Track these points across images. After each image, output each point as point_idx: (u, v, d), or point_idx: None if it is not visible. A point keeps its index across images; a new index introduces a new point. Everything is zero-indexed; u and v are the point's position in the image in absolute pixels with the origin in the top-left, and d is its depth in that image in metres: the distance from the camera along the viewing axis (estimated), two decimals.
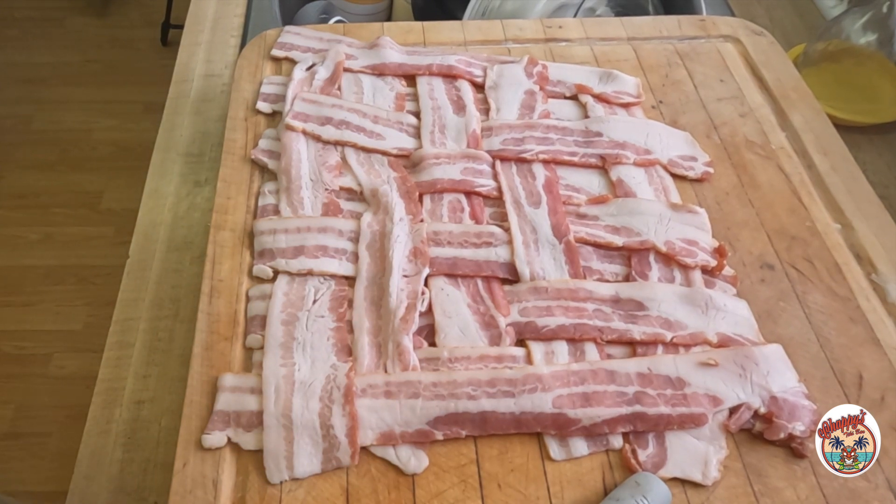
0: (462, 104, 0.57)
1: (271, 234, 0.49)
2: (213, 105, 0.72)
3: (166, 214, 0.63)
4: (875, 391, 0.44)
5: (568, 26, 0.66)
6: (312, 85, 0.58)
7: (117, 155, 1.94)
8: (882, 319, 0.47)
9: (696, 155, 0.56)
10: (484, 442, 0.41)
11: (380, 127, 0.56)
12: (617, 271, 0.48)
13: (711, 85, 0.62)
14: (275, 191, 0.52)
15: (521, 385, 0.42)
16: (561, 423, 0.41)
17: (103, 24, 2.33)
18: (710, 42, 0.65)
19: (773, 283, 0.49)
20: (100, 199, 1.85)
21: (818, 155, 0.56)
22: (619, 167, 0.54)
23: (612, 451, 0.41)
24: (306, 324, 0.45)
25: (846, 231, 0.52)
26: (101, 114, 2.05)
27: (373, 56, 0.61)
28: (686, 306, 0.46)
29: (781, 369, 0.43)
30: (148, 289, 0.58)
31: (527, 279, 0.47)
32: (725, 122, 0.59)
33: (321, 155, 0.54)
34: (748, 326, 0.46)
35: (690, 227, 0.50)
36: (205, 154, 0.67)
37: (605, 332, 0.45)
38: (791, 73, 0.63)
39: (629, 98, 0.59)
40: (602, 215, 0.51)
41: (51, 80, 2.14)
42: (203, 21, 0.83)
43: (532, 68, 0.60)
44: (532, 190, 0.52)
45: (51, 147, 1.92)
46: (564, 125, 0.56)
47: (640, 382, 0.42)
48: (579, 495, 0.39)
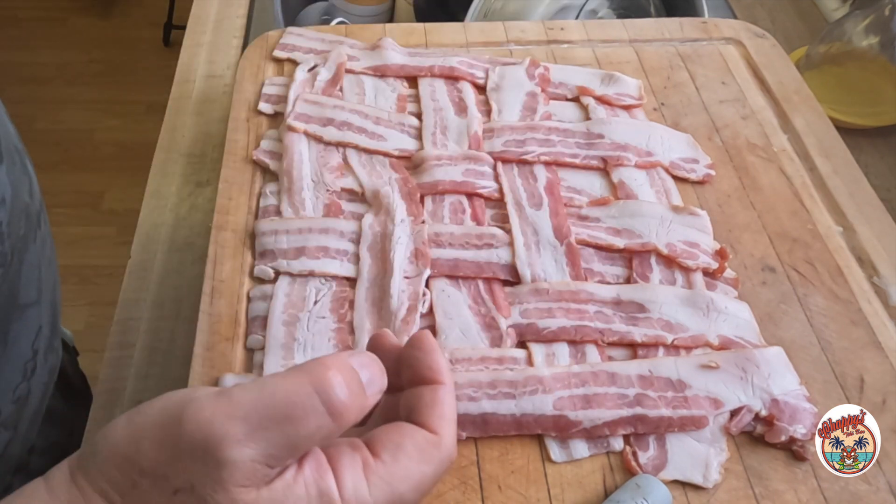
0: (464, 106, 0.57)
1: (273, 235, 0.49)
2: (215, 106, 0.72)
3: (168, 215, 0.63)
4: (876, 394, 0.44)
5: (570, 28, 0.66)
6: (314, 86, 0.58)
7: (119, 155, 1.94)
8: (884, 322, 0.47)
9: (697, 157, 0.56)
10: (484, 443, 0.41)
11: (381, 128, 0.56)
12: (618, 273, 0.48)
13: (713, 87, 0.62)
14: (276, 192, 0.52)
15: (521, 387, 0.42)
16: (562, 424, 0.41)
17: (106, 25, 2.34)
18: (711, 44, 0.65)
19: (775, 285, 0.49)
20: (101, 200, 1.85)
21: (820, 158, 0.56)
22: (620, 169, 0.54)
23: (612, 453, 0.41)
24: (307, 325, 0.45)
25: (848, 234, 0.52)
26: (104, 114, 2.05)
27: (375, 57, 0.61)
28: (687, 308, 0.46)
29: (782, 372, 0.43)
30: (149, 289, 0.58)
31: (528, 281, 0.47)
32: (727, 125, 0.59)
33: (323, 156, 0.54)
34: (749, 329, 0.46)
35: (692, 229, 0.50)
36: (206, 155, 0.68)
37: (606, 333, 0.45)
38: (793, 75, 0.63)
39: (631, 100, 0.59)
40: (603, 217, 0.51)
41: (53, 80, 2.14)
42: (205, 22, 0.83)
43: (534, 70, 0.60)
44: (533, 192, 0.52)
45: (53, 147, 1.93)
46: (566, 127, 0.56)
47: (640, 384, 0.42)
48: (580, 497, 0.39)
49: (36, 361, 0.45)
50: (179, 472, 0.25)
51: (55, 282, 0.48)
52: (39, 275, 0.45)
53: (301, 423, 0.26)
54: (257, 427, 0.25)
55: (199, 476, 0.25)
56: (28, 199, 0.43)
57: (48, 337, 0.47)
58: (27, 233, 0.43)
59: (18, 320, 0.43)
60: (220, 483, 0.25)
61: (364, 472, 0.27)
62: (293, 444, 0.26)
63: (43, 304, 0.45)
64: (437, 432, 0.29)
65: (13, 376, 0.43)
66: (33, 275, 0.44)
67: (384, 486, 0.27)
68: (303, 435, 0.26)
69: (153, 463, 0.25)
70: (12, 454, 0.45)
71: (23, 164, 0.43)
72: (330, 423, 0.26)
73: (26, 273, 0.43)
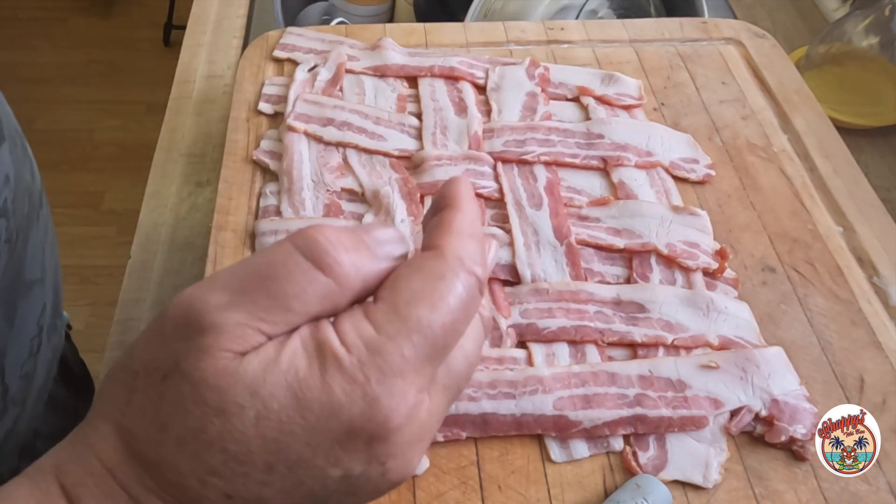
0: (464, 106, 0.57)
1: (273, 235, 0.49)
2: (215, 106, 0.72)
3: (168, 215, 0.63)
4: (876, 394, 0.44)
5: (570, 28, 0.66)
6: (314, 86, 0.58)
7: (119, 155, 1.94)
8: (884, 323, 0.47)
9: (697, 157, 0.55)
10: (484, 443, 0.41)
11: (381, 128, 0.56)
12: (618, 273, 0.48)
13: (713, 87, 0.62)
14: (276, 192, 0.52)
15: (521, 387, 0.42)
16: (562, 424, 0.41)
17: (106, 25, 2.34)
18: (712, 44, 0.65)
19: (775, 285, 0.49)
20: (102, 200, 1.85)
21: (820, 158, 0.56)
22: (620, 169, 0.54)
23: (612, 453, 0.41)
24: None
25: (848, 234, 0.52)
26: (104, 114, 2.05)
27: (375, 57, 0.61)
28: (687, 309, 0.46)
29: (783, 372, 0.43)
30: (149, 289, 0.58)
31: (528, 281, 0.47)
32: (727, 125, 0.59)
33: (323, 156, 0.54)
34: (749, 329, 0.46)
35: (692, 229, 0.50)
36: (206, 155, 0.68)
37: (606, 334, 0.45)
38: (793, 75, 0.63)
39: (631, 100, 0.59)
40: (603, 217, 0.51)
41: (53, 81, 2.14)
42: (205, 22, 0.83)
43: (534, 70, 0.60)
44: (533, 192, 0.52)
45: (53, 147, 1.92)
46: (566, 127, 0.56)
47: (640, 384, 0.42)
48: (580, 497, 0.39)
49: (41, 339, 0.45)
50: (165, 356, 0.23)
51: (57, 264, 0.49)
52: (43, 254, 0.45)
53: (286, 280, 0.23)
54: (239, 291, 0.23)
55: (184, 351, 0.22)
56: (30, 180, 0.44)
57: (51, 316, 0.47)
58: (30, 212, 0.43)
59: (25, 297, 0.43)
60: (205, 350, 0.22)
61: (364, 313, 0.23)
62: (283, 305, 0.23)
63: (47, 282, 0.46)
64: (436, 245, 0.25)
65: (21, 352, 0.43)
66: (37, 253, 0.44)
67: (390, 316, 0.23)
68: (291, 292, 0.23)
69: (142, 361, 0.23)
70: (20, 432, 0.46)
71: (23, 146, 0.44)
72: (323, 279, 0.23)
73: (31, 251, 0.43)
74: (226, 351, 0.22)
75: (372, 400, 0.22)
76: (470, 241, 0.25)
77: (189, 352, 0.22)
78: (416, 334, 0.23)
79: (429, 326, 0.23)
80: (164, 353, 0.23)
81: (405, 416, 0.23)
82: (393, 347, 0.22)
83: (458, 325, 0.24)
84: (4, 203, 0.39)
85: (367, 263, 0.24)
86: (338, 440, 0.22)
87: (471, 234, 0.26)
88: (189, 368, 0.22)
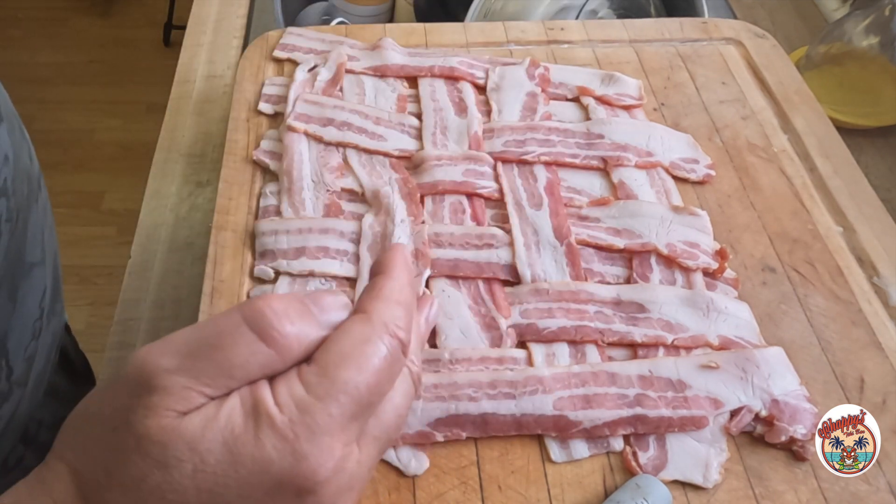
0: (464, 106, 0.57)
1: (273, 235, 0.49)
2: (215, 106, 0.72)
3: (168, 215, 0.63)
4: (877, 394, 0.44)
5: (570, 28, 0.66)
6: (314, 86, 0.58)
7: (119, 155, 1.95)
8: (884, 323, 0.47)
9: (697, 157, 0.56)
10: (484, 444, 0.41)
11: (381, 128, 0.56)
12: (618, 273, 0.48)
13: (713, 87, 0.62)
14: (276, 192, 0.52)
15: (521, 387, 0.42)
16: (562, 424, 0.41)
17: (106, 25, 2.34)
18: (712, 45, 0.65)
19: (775, 285, 0.49)
20: (102, 200, 1.85)
21: (820, 158, 0.56)
22: (620, 169, 0.54)
23: (612, 453, 0.41)
24: None
25: (848, 234, 0.52)
26: (104, 114, 2.05)
27: (375, 57, 0.61)
28: (687, 309, 0.46)
29: (783, 372, 0.43)
30: (149, 289, 0.58)
31: (528, 281, 0.47)
32: (727, 125, 0.59)
33: (323, 156, 0.54)
34: (749, 329, 0.46)
35: (692, 229, 0.50)
36: (206, 155, 0.68)
37: (606, 334, 0.45)
38: (793, 75, 0.63)
39: (631, 100, 0.59)
40: (603, 217, 0.51)
41: (53, 80, 2.14)
42: (205, 22, 0.83)
43: (534, 70, 0.60)
44: (533, 192, 0.52)
45: (53, 147, 1.92)
46: (566, 127, 0.56)
47: (640, 385, 0.42)
48: (580, 497, 0.39)
49: (42, 322, 0.46)
50: (117, 410, 0.25)
51: (56, 248, 0.50)
52: (42, 237, 0.46)
53: (231, 350, 0.25)
54: (187, 356, 0.25)
55: (133, 408, 0.25)
56: (28, 163, 0.44)
57: (51, 300, 0.48)
58: (30, 194, 0.44)
59: (26, 278, 0.43)
60: (152, 409, 0.24)
61: (298, 374, 0.26)
62: (227, 373, 0.25)
63: (47, 265, 0.46)
64: (365, 310, 0.28)
65: (24, 334, 0.44)
66: (37, 236, 0.45)
67: (320, 378, 0.25)
68: (235, 362, 0.25)
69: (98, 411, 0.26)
70: (21, 416, 0.46)
71: (21, 129, 0.45)
72: (266, 350, 0.25)
73: (31, 233, 0.44)
74: (170, 410, 0.24)
75: (301, 456, 0.24)
76: (396, 307, 0.28)
77: (137, 409, 0.25)
78: (342, 394, 0.25)
79: (355, 387, 0.26)
80: (117, 406, 0.25)
81: (332, 469, 0.25)
82: (321, 407, 0.25)
83: (382, 385, 0.27)
84: (4, 183, 0.39)
85: (311, 332, 0.27)
86: (268, 492, 0.25)
87: (397, 300, 0.29)
88: (136, 423, 0.25)
